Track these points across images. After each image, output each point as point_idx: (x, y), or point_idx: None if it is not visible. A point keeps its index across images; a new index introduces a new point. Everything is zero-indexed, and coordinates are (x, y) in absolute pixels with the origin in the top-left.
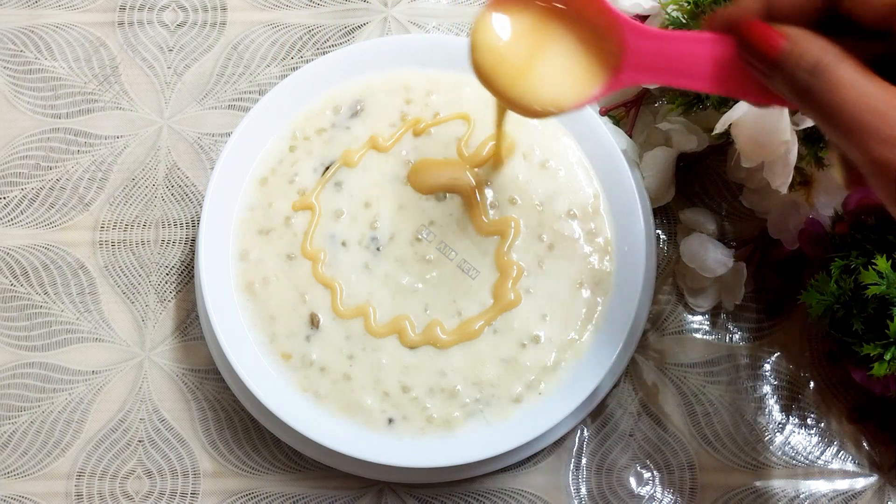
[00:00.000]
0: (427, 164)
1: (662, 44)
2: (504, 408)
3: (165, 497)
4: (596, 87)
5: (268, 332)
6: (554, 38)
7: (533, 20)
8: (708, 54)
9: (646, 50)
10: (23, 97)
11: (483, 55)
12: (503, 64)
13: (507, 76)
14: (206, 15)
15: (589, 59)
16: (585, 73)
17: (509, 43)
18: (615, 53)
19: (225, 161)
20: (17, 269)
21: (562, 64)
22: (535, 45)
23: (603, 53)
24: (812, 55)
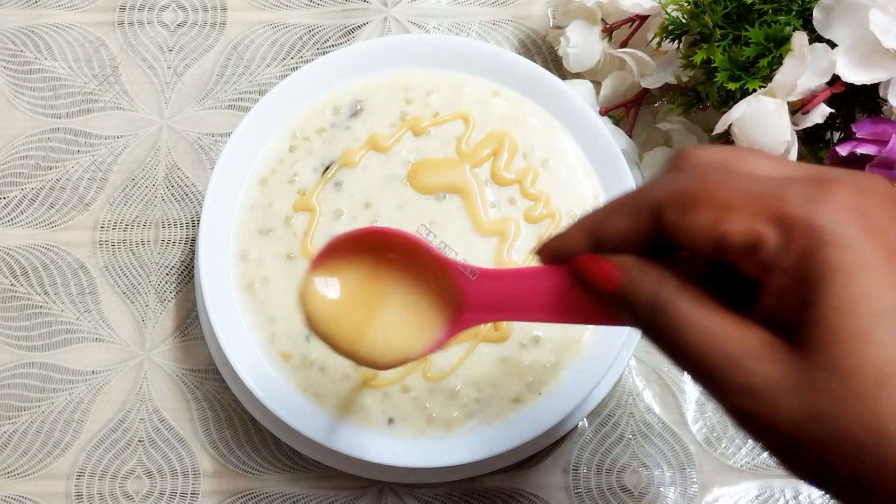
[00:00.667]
0: (427, 164)
1: (497, 283)
2: (504, 408)
3: (165, 497)
4: (440, 331)
5: (268, 332)
6: (389, 287)
7: (362, 273)
8: (545, 287)
9: (482, 292)
10: (23, 97)
11: (318, 324)
12: (341, 326)
13: (347, 337)
14: (206, 15)
15: (429, 303)
16: (428, 318)
17: (342, 303)
18: (454, 296)
19: (225, 161)
20: (17, 269)
21: (402, 313)
22: (370, 299)
23: (442, 295)
24: (648, 290)
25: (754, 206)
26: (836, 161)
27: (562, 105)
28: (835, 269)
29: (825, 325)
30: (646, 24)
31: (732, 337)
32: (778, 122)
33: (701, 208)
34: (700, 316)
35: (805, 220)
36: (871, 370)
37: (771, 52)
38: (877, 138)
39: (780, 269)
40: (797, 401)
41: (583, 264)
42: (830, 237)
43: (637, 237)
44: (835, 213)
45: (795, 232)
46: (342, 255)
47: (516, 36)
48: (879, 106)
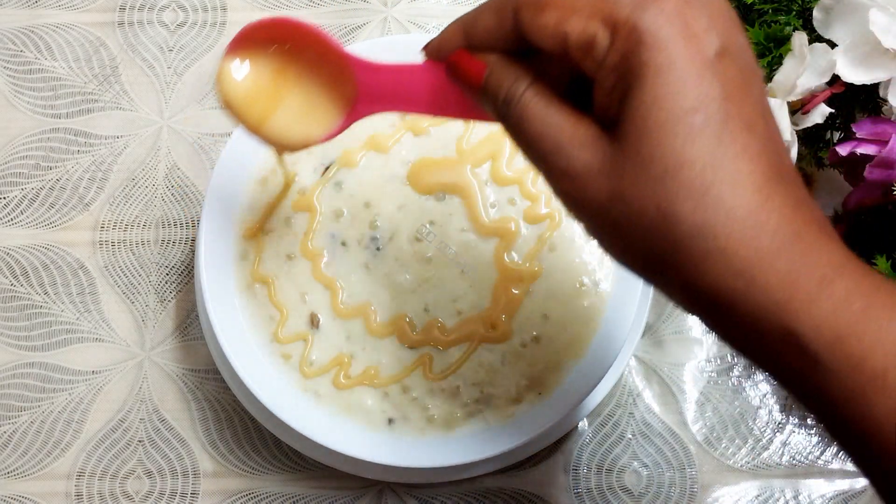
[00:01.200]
0: (427, 163)
1: (387, 76)
2: (504, 408)
3: (165, 497)
4: (338, 119)
5: (268, 332)
6: (296, 76)
7: (273, 62)
8: (426, 81)
9: (374, 82)
10: (23, 97)
11: (230, 103)
12: (250, 107)
13: (255, 117)
14: (206, 15)
15: (330, 93)
16: (328, 108)
17: (252, 86)
18: (350, 87)
19: (225, 161)
20: (17, 269)
21: (306, 101)
22: (278, 85)
23: (341, 87)
24: (505, 85)
25: (592, 9)
26: (836, 161)
27: None
28: (649, 67)
29: (635, 117)
30: None
31: (564, 128)
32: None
33: (549, 9)
34: (542, 109)
35: (630, 22)
36: (667, 158)
37: (771, 52)
38: (877, 138)
39: (608, 67)
40: (605, 184)
41: (453, 59)
42: (649, 38)
43: (502, 36)
44: (656, 17)
45: (621, 32)
46: (254, 43)
47: None
48: (879, 106)
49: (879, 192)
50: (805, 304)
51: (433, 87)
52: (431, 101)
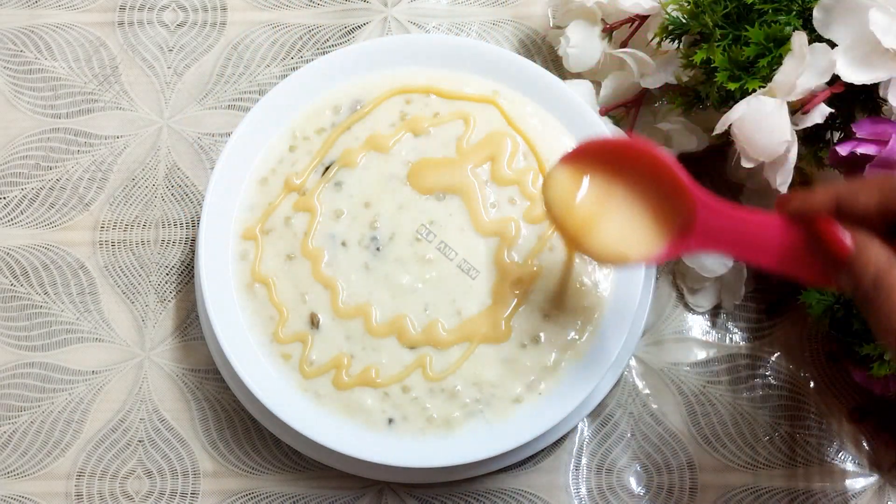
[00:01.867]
0: (427, 163)
1: (733, 221)
2: (504, 408)
3: (165, 497)
4: (661, 245)
5: (268, 332)
6: (623, 192)
7: (603, 176)
8: (777, 236)
9: (716, 224)
10: (23, 97)
11: (552, 207)
12: (572, 215)
13: (575, 226)
14: (206, 15)
15: (656, 216)
16: (652, 230)
17: (580, 196)
18: (684, 217)
19: (225, 161)
20: (17, 269)
21: (629, 219)
22: (604, 199)
23: (671, 214)
24: (875, 267)
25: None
26: (836, 161)
27: (562, 105)
28: None
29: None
30: (646, 24)
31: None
32: (778, 121)
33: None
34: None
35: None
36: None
37: (771, 52)
38: (877, 138)
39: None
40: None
41: (823, 225)
42: None
43: (879, 216)
44: None
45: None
46: (590, 156)
47: (516, 36)
48: (879, 106)
49: None
50: None
51: (783, 243)
52: (779, 256)
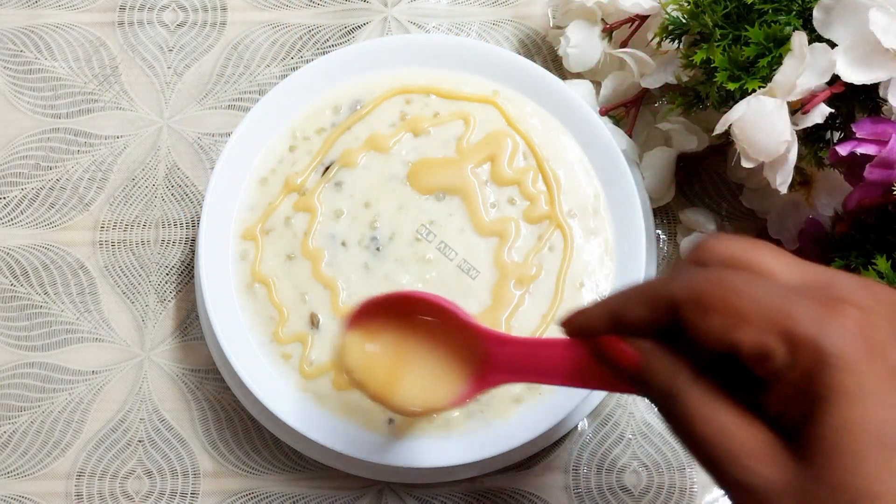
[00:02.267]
0: (427, 163)
1: (522, 349)
2: (504, 408)
3: (165, 497)
4: (465, 386)
5: (268, 332)
6: (419, 344)
7: (394, 330)
8: (568, 357)
9: (507, 355)
10: (23, 97)
11: (353, 373)
12: (373, 377)
13: (378, 387)
14: (206, 15)
15: (455, 360)
16: (454, 374)
17: (375, 357)
18: (478, 356)
19: (225, 161)
20: (17, 269)
21: (430, 368)
22: (400, 354)
23: (468, 354)
24: (663, 378)
25: (765, 321)
26: (836, 161)
27: (562, 105)
28: (837, 391)
29: (824, 442)
30: (646, 24)
31: (738, 435)
32: (778, 122)
33: (715, 314)
34: (709, 410)
35: (811, 341)
36: (863, 488)
37: (771, 52)
38: (877, 138)
39: (787, 381)
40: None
41: (605, 345)
42: (834, 360)
43: (655, 326)
44: (840, 337)
45: (802, 351)
46: (375, 314)
47: (516, 36)
48: (879, 106)
49: (879, 192)
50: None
51: (573, 364)
52: (572, 376)
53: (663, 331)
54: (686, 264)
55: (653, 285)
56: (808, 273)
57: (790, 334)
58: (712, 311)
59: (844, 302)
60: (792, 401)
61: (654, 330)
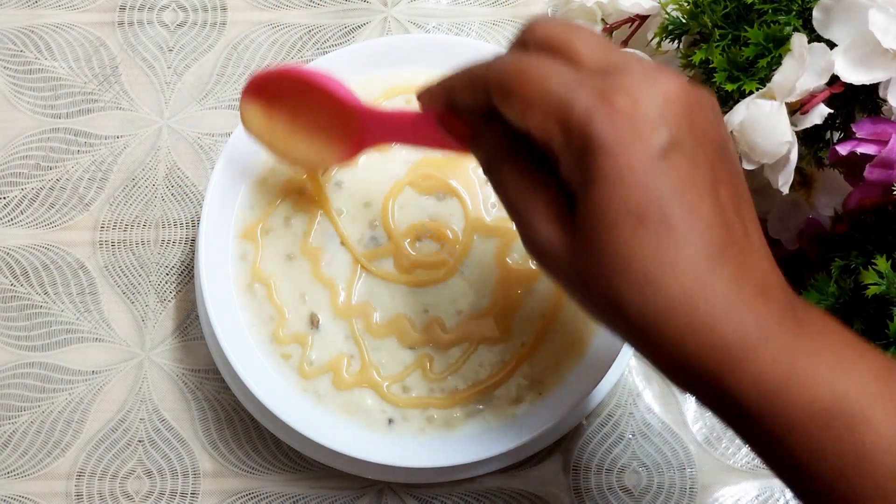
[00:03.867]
0: (427, 163)
1: (388, 118)
2: (504, 408)
3: (165, 497)
4: (346, 148)
5: (268, 332)
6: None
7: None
8: (419, 123)
9: (376, 122)
10: (23, 97)
11: (257, 138)
12: (274, 138)
13: (280, 147)
14: (206, 15)
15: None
16: (337, 139)
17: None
18: (356, 124)
19: (225, 161)
20: (17, 269)
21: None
22: (294, 120)
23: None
24: (485, 151)
25: (548, 108)
26: (836, 160)
27: None
28: (597, 174)
29: (588, 216)
30: (646, 24)
31: (535, 202)
32: (778, 123)
33: (512, 99)
34: (516, 179)
35: (580, 128)
36: (615, 256)
37: (770, 53)
38: (877, 138)
39: (566, 162)
40: (567, 262)
41: (442, 119)
42: (597, 145)
43: (481, 106)
44: (605, 122)
45: (574, 137)
46: (267, 87)
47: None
48: (879, 106)
49: (879, 192)
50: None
51: (426, 130)
52: (423, 139)
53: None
54: (510, 46)
55: (476, 69)
56: (609, 59)
57: (566, 121)
58: (510, 97)
59: (621, 91)
60: (571, 179)
61: (482, 109)
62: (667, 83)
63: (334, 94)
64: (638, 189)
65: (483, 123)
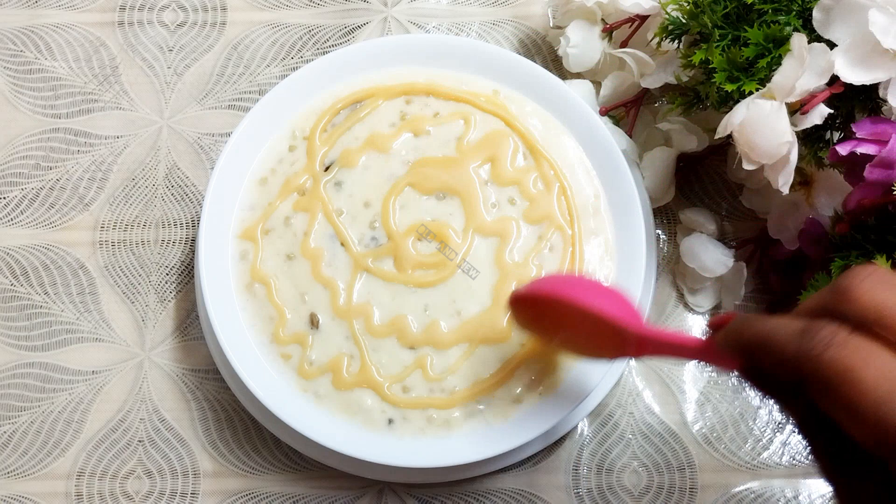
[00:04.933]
0: (427, 163)
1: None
2: (504, 408)
3: (165, 497)
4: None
5: (268, 332)
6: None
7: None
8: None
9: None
10: (23, 97)
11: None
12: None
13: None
14: (206, 15)
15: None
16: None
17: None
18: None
19: (225, 161)
20: (17, 269)
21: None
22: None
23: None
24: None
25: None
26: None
27: (562, 105)
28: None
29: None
30: (646, 24)
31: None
32: (778, 123)
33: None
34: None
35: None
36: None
37: (770, 53)
38: (877, 138)
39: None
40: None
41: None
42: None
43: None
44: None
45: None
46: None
47: (516, 36)
48: (879, 106)
49: (879, 192)
50: None
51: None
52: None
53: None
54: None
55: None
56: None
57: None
58: (833, 400)
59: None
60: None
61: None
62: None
63: (608, 317)
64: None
65: (790, 396)
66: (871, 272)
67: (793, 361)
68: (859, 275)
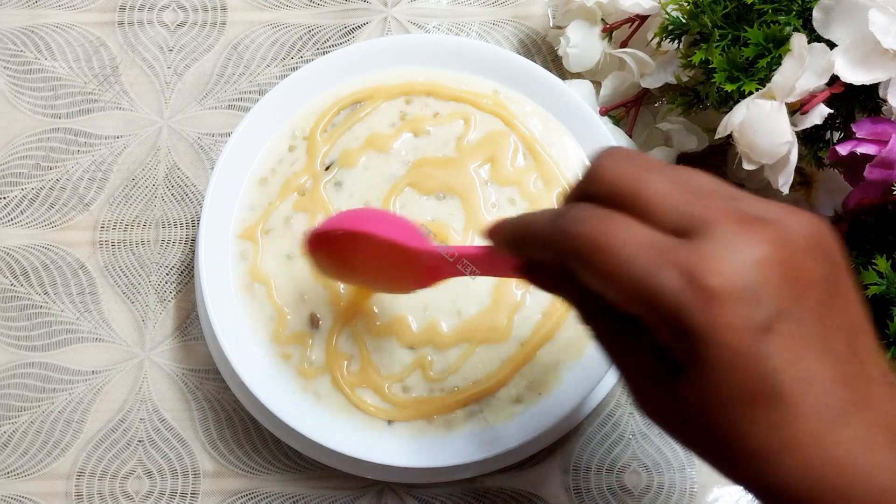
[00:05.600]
0: (427, 163)
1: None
2: (504, 408)
3: (165, 497)
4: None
5: (268, 332)
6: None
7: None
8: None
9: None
10: (23, 97)
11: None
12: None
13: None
14: (206, 15)
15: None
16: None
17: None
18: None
19: (225, 161)
20: (17, 269)
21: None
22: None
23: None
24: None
25: (631, 288)
26: (836, 160)
27: (562, 105)
28: (699, 362)
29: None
30: (646, 24)
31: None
32: (778, 123)
33: (590, 274)
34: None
35: (672, 316)
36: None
37: (770, 53)
38: (877, 138)
39: (659, 336)
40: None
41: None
42: (695, 334)
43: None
44: (700, 311)
45: (666, 321)
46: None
47: (516, 36)
48: (879, 106)
49: (879, 192)
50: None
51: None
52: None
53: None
54: (577, 190)
55: (546, 228)
56: (688, 212)
57: (653, 304)
58: (587, 269)
59: (709, 270)
60: (671, 350)
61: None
62: (758, 243)
63: (396, 242)
64: (745, 371)
65: (563, 280)
66: (612, 152)
67: (550, 243)
68: (602, 157)
